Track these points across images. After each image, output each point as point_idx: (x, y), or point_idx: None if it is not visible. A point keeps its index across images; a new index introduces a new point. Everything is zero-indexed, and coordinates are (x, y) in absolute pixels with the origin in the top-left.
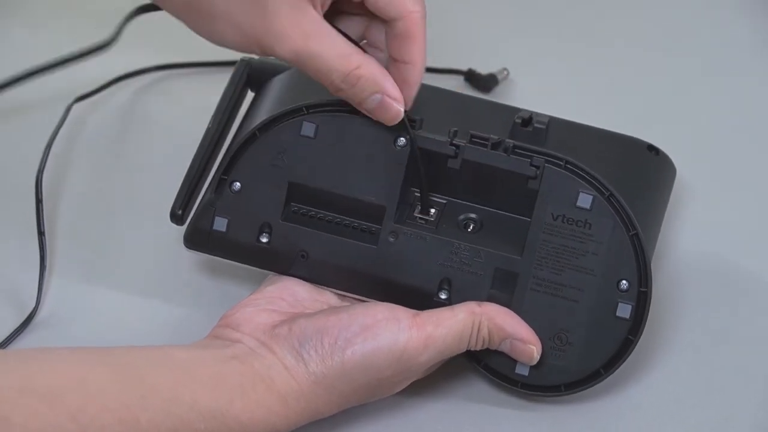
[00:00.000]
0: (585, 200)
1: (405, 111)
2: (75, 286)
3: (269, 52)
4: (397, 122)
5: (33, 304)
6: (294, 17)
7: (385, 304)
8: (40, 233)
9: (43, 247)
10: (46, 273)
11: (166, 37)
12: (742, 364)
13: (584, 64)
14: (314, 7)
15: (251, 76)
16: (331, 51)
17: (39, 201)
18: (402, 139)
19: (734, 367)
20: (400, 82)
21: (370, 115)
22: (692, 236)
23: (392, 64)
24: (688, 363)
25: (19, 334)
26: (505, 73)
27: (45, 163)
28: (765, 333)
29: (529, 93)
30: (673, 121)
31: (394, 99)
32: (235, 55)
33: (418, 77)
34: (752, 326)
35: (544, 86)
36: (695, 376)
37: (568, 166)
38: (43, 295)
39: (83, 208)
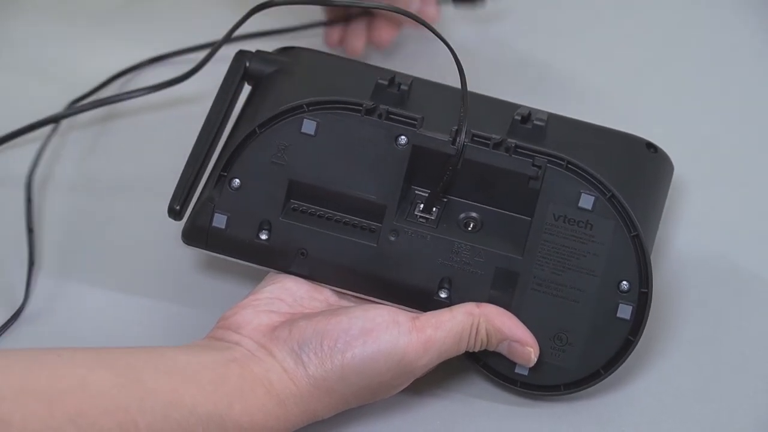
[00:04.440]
0: (587, 201)
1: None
2: (71, 282)
3: None
4: None
5: (21, 301)
6: None
7: (384, 306)
8: (29, 230)
9: (31, 245)
10: (35, 270)
11: (151, 30)
12: (741, 362)
13: (583, 60)
14: None
15: (248, 69)
16: None
17: (29, 200)
18: (403, 137)
19: (733, 366)
20: None
21: None
22: (690, 234)
23: None
24: (687, 359)
25: (6, 329)
26: None
27: (36, 165)
28: (764, 330)
29: (527, 88)
30: (670, 118)
31: None
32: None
33: None
34: (751, 324)
35: (543, 80)
36: (693, 368)
37: (570, 166)
38: (31, 291)
39: (78, 204)
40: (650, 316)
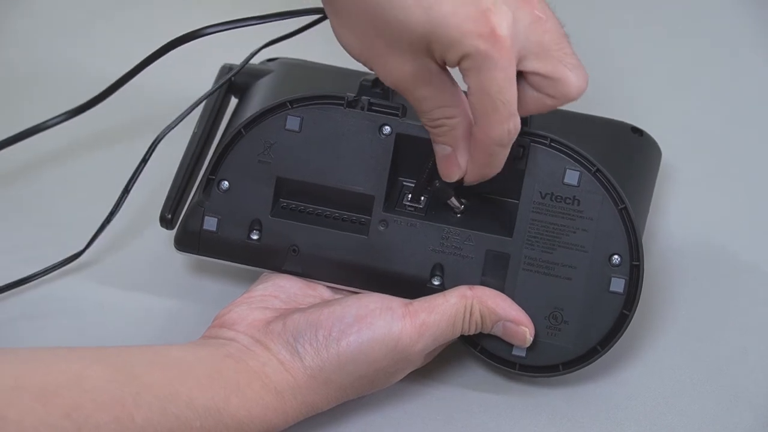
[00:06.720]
0: (572, 177)
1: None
2: (71, 281)
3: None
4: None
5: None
6: None
7: (377, 294)
8: None
9: None
10: None
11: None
12: (738, 344)
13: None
14: None
15: (234, 82)
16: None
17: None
18: (387, 127)
19: (731, 349)
20: None
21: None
22: (681, 220)
23: None
24: (684, 347)
25: None
26: None
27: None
28: (762, 320)
29: None
30: (661, 107)
31: None
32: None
33: None
34: (744, 306)
35: None
36: (691, 361)
37: (553, 144)
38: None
39: (79, 202)
40: (645, 303)
